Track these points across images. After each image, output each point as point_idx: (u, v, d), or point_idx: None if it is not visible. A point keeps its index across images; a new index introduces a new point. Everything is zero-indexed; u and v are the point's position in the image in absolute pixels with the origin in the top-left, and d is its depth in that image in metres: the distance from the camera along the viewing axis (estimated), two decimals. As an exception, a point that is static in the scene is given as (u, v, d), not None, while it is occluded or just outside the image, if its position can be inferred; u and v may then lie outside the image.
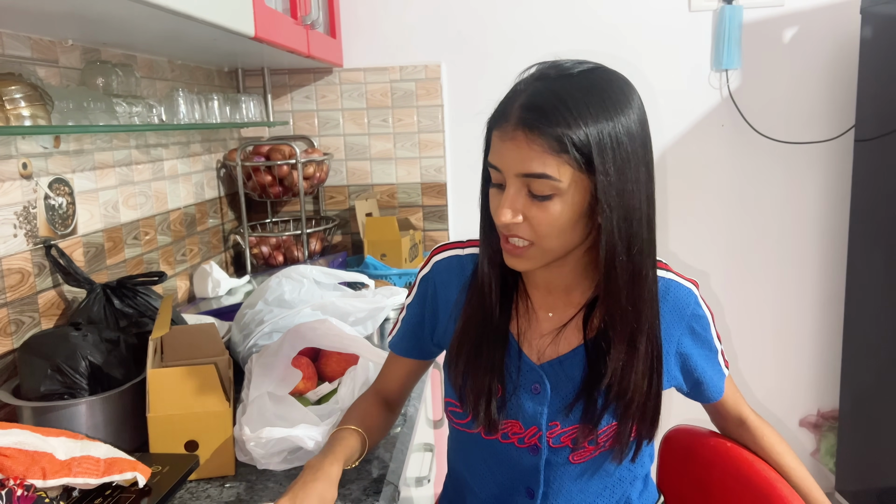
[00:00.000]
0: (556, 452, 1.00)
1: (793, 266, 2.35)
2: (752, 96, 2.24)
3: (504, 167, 0.86)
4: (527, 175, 0.84)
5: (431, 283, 1.06)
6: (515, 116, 0.85)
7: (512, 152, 0.85)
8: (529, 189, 0.86)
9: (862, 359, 2.19)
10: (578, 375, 0.97)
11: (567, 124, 0.82)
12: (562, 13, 2.24)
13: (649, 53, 2.24)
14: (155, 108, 1.57)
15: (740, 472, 1.09)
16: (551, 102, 0.83)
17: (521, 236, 0.88)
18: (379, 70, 2.29)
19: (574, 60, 0.88)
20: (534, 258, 0.90)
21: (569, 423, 0.98)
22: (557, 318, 0.99)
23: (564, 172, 0.83)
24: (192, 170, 1.96)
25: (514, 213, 0.86)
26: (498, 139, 0.87)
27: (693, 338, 1.01)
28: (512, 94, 0.88)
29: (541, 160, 0.83)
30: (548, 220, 0.86)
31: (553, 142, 0.82)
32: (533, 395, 0.99)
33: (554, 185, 0.84)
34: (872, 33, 2.04)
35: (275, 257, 2.19)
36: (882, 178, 2.03)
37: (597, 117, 0.83)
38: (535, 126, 0.83)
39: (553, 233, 0.87)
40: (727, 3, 2.18)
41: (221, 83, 2.20)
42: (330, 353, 1.27)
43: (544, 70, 0.88)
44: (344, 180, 2.37)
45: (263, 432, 1.05)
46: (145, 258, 1.68)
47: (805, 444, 2.45)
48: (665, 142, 2.30)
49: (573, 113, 0.82)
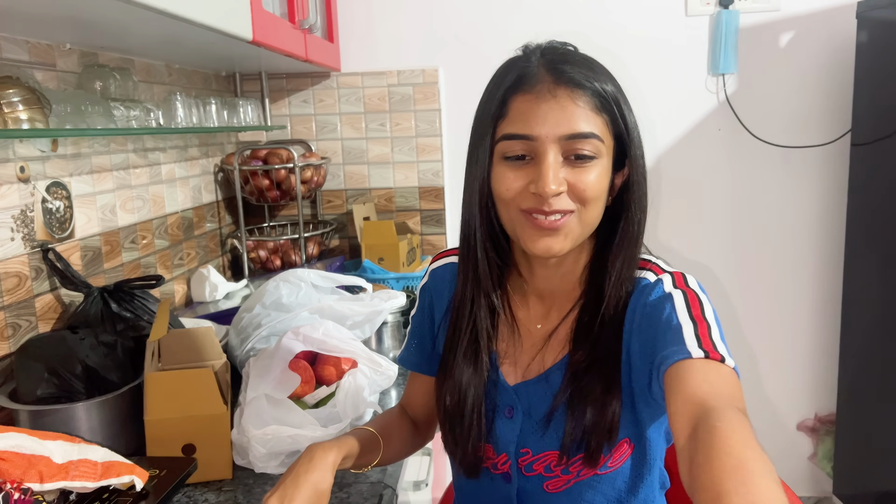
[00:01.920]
0: (529, 481, 0.92)
1: (790, 270, 2.35)
2: (748, 101, 2.25)
3: (542, 132, 0.79)
4: (573, 136, 0.79)
5: (428, 293, 1.03)
6: (550, 76, 0.80)
7: (555, 112, 0.79)
8: (570, 154, 0.80)
9: (859, 363, 2.19)
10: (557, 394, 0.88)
11: (601, 82, 0.81)
12: (559, 17, 2.25)
13: (647, 58, 2.25)
14: (153, 112, 1.57)
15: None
16: (579, 61, 0.82)
17: (562, 208, 0.81)
18: (376, 74, 2.29)
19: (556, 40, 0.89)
20: (572, 233, 0.83)
21: (540, 448, 0.90)
22: (545, 330, 0.93)
23: (606, 135, 0.81)
24: (190, 174, 1.96)
25: (559, 182, 0.79)
26: (528, 103, 0.80)
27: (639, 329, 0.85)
28: (523, 61, 0.84)
29: (587, 118, 0.79)
30: (591, 184, 0.81)
31: (595, 99, 0.80)
32: (506, 419, 0.92)
33: (598, 146, 0.80)
34: (868, 38, 2.05)
35: (272, 261, 2.19)
36: (878, 182, 2.04)
37: (614, 83, 0.83)
38: (578, 82, 0.79)
39: (596, 197, 0.82)
40: (724, 8, 2.19)
41: (219, 87, 2.20)
42: (327, 357, 1.27)
43: (545, 43, 0.87)
44: (342, 184, 2.36)
45: (269, 429, 1.05)
46: (143, 262, 1.68)
47: (803, 448, 2.45)
48: (663, 145, 2.30)
49: (599, 75, 0.82)
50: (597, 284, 0.88)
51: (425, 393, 1.04)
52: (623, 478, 0.91)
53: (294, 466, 0.86)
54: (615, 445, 0.87)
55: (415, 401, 1.07)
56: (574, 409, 0.86)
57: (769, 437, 2.43)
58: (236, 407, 1.18)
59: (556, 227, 0.82)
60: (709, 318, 0.82)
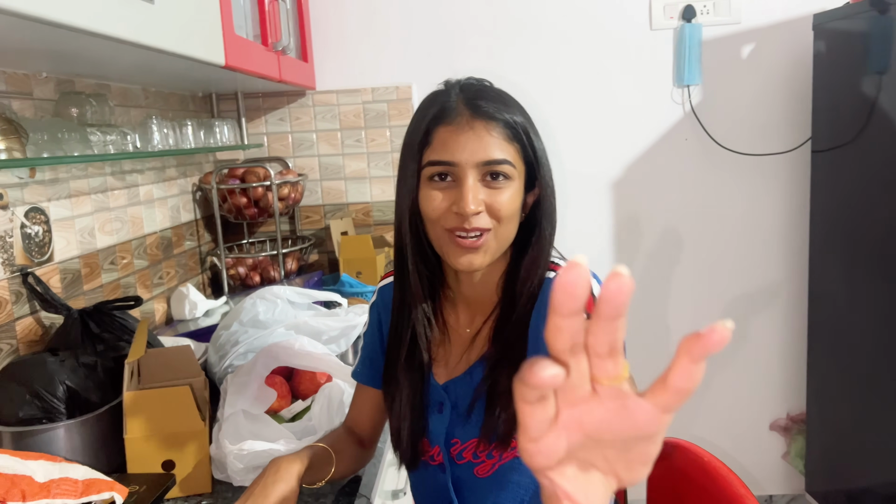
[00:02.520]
0: (461, 468, 1.02)
1: (757, 275, 2.42)
2: (713, 111, 2.31)
3: (462, 159, 0.90)
4: (489, 162, 0.90)
5: (377, 310, 1.11)
6: (469, 110, 0.91)
7: (472, 142, 0.90)
8: (487, 175, 0.91)
9: (826, 363, 2.25)
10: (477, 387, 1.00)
11: (513, 116, 0.92)
12: (528, 33, 2.31)
13: (614, 71, 2.31)
14: (129, 136, 1.61)
15: (714, 484, 1.12)
16: (493, 97, 0.93)
17: (481, 226, 0.92)
18: (351, 92, 2.34)
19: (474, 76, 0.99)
20: (490, 249, 0.94)
21: (467, 437, 1.00)
22: (471, 332, 1.03)
23: (517, 161, 0.93)
24: (168, 194, 2.00)
25: (477, 203, 0.90)
26: (450, 134, 0.91)
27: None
28: (444, 96, 0.94)
29: (500, 147, 0.91)
30: (505, 203, 0.92)
31: (507, 129, 0.92)
32: (437, 415, 1.03)
33: (511, 170, 0.92)
34: (825, 48, 2.12)
35: (251, 278, 2.22)
36: (838, 187, 2.11)
37: (524, 114, 0.95)
38: (492, 115, 0.91)
39: (509, 216, 0.93)
40: (687, 22, 2.26)
41: (196, 108, 2.24)
42: (303, 372, 1.31)
43: (463, 79, 0.98)
44: (319, 200, 2.41)
45: (245, 445, 1.09)
46: (122, 282, 1.71)
47: (776, 447, 2.51)
48: (632, 156, 2.36)
49: (510, 108, 0.93)
50: (512, 289, 0.99)
51: (373, 407, 1.11)
52: None
53: (260, 478, 0.91)
54: None
55: (362, 416, 1.13)
56: (490, 400, 0.97)
57: (743, 437, 2.49)
58: (215, 422, 1.21)
59: (476, 246, 0.93)
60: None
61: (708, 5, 2.26)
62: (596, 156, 2.37)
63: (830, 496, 2.27)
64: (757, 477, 2.51)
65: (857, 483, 2.11)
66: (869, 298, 1.98)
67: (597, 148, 2.36)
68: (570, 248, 2.45)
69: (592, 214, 2.41)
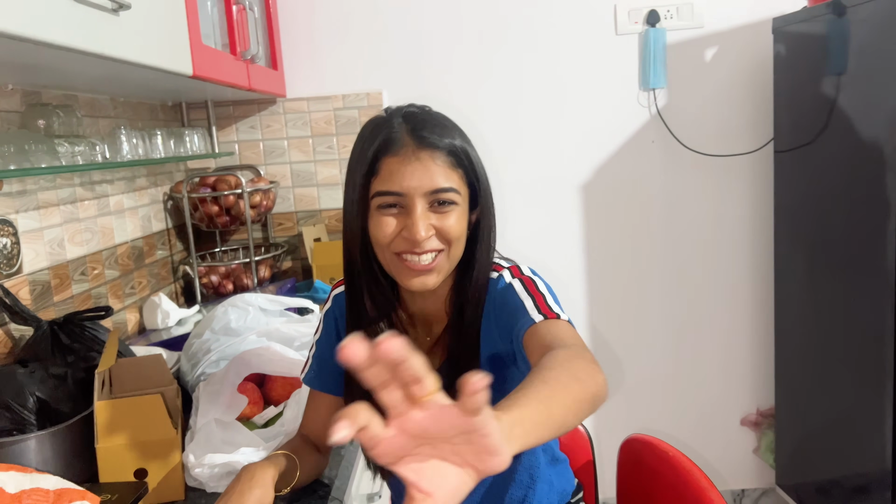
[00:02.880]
0: None
1: (725, 274, 2.47)
2: (678, 113, 2.36)
3: (410, 189, 0.94)
4: (436, 191, 0.94)
5: (332, 316, 1.14)
6: (413, 140, 0.95)
7: (419, 172, 0.94)
8: (433, 204, 0.96)
9: (793, 358, 2.30)
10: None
11: (454, 142, 0.96)
12: (496, 38, 2.34)
13: (581, 76, 2.35)
14: (98, 146, 1.61)
15: (679, 479, 1.16)
16: (435, 125, 0.96)
17: (433, 248, 0.97)
18: (322, 99, 2.35)
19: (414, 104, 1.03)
20: (442, 268, 0.99)
21: None
22: (431, 340, 1.09)
23: (462, 187, 0.97)
24: (139, 203, 1.99)
25: (427, 229, 0.95)
26: (396, 164, 0.94)
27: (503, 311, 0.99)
28: (387, 126, 0.97)
29: (445, 175, 0.95)
30: (454, 226, 0.97)
31: (450, 157, 0.95)
32: None
33: (456, 196, 0.96)
34: (784, 51, 2.18)
35: (224, 286, 2.22)
36: (801, 186, 2.16)
37: (464, 138, 0.99)
38: (436, 145, 0.95)
39: (458, 237, 0.98)
40: (651, 27, 2.30)
41: (165, 117, 2.24)
42: (275, 378, 1.32)
43: (404, 107, 1.00)
44: (291, 207, 2.41)
45: (206, 458, 1.10)
46: (93, 293, 1.71)
47: (747, 442, 2.56)
48: (600, 159, 2.40)
49: (451, 134, 0.97)
50: (460, 299, 1.04)
51: (329, 413, 1.13)
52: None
53: (236, 484, 0.93)
54: None
55: (317, 423, 1.15)
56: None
57: (715, 433, 2.54)
58: (187, 430, 1.22)
59: (430, 269, 0.98)
60: (542, 290, 0.99)
61: (671, 10, 2.30)
62: (565, 159, 2.40)
63: (800, 489, 2.32)
64: (729, 471, 2.55)
65: (826, 475, 2.16)
66: (832, 295, 2.03)
67: (566, 151, 2.40)
68: (543, 250, 2.49)
69: (563, 216, 2.44)
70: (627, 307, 2.49)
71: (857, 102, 1.85)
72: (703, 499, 1.08)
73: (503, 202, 2.39)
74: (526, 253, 2.35)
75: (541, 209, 2.43)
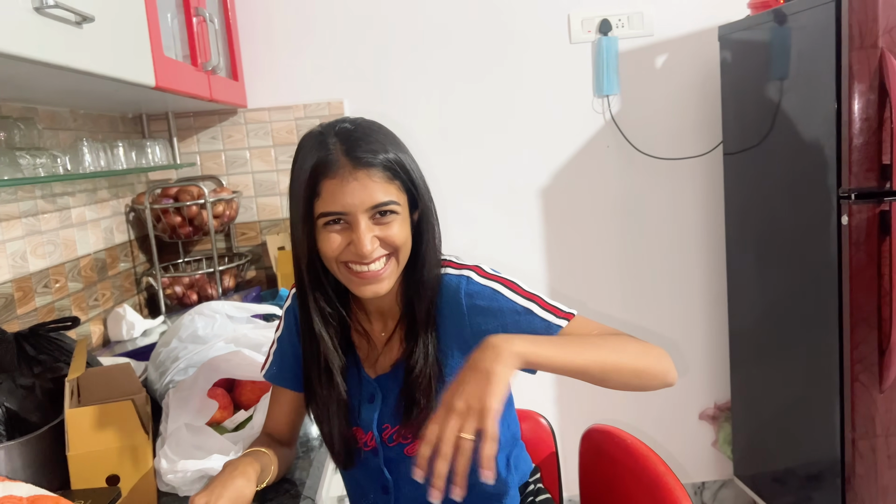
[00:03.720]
0: (392, 450, 1.15)
1: (680, 273, 2.55)
2: (632, 119, 2.44)
3: (352, 207, 0.99)
4: (376, 206, 0.99)
5: (293, 313, 1.17)
6: (349, 161, 0.99)
7: (358, 192, 0.98)
8: (375, 217, 1.01)
9: (746, 353, 2.39)
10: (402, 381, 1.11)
11: (388, 156, 1.01)
12: (453, 48, 2.39)
13: (539, 84, 2.41)
14: (60, 158, 1.61)
15: (637, 465, 1.21)
16: (370, 142, 1.00)
17: (380, 256, 1.02)
18: (283, 109, 2.37)
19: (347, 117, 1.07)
20: (391, 274, 1.05)
21: (397, 422, 1.12)
22: (386, 335, 1.15)
23: (400, 196, 1.02)
24: (101, 216, 1.99)
25: (371, 242, 1.00)
26: (335, 185, 0.99)
27: (482, 313, 1.06)
28: (322, 148, 1.01)
29: (383, 189, 1.00)
30: (397, 234, 1.02)
31: (387, 172, 1.00)
32: (369, 405, 1.14)
33: (395, 206, 1.01)
34: (731, 57, 2.27)
35: (189, 296, 2.22)
36: (748, 188, 2.25)
37: (397, 147, 1.03)
38: (371, 162, 0.99)
39: (403, 242, 1.04)
40: (604, 35, 2.38)
41: (126, 129, 2.23)
42: (244, 383, 1.34)
43: (338, 123, 1.04)
44: (255, 216, 2.43)
45: (179, 465, 1.11)
46: (57, 305, 1.70)
47: (705, 435, 2.64)
48: (558, 164, 2.47)
49: (385, 146, 1.01)
50: (412, 296, 1.09)
51: (291, 409, 1.20)
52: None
53: (221, 474, 0.99)
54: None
55: (280, 418, 1.20)
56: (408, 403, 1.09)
57: (675, 428, 2.61)
58: (158, 437, 1.23)
59: (380, 276, 1.03)
60: (532, 290, 1.08)
61: (623, 19, 2.38)
62: (524, 165, 2.46)
63: (757, 479, 2.41)
64: (689, 464, 2.63)
65: (781, 465, 2.23)
66: (781, 290, 2.12)
67: (525, 157, 2.45)
68: (506, 253, 2.53)
69: (524, 221, 2.50)
70: (587, 307, 2.55)
71: (799, 105, 1.94)
72: (661, 483, 1.14)
73: (466, 207, 2.44)
74: (489, 256, 2.40)
75: (502, 214, 2.48)
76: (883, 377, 1.79)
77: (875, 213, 1.74)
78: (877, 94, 1.70)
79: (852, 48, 1.70)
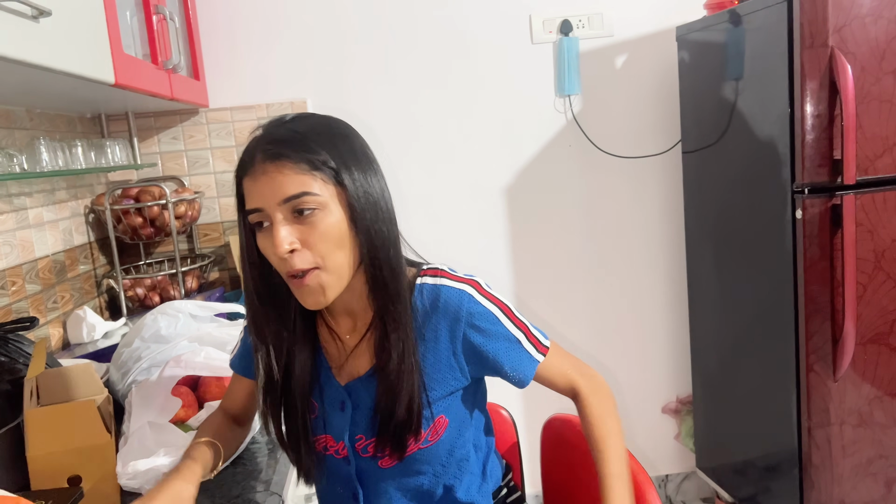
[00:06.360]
0: (365, 461, 1.11)
1: (641, 270, 2.59)
2: (593, 118, 2.47)
3: (265, 203, 0.94)
4: (288, 199, 0.93)
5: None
6: (262, 156, 0.95)
7: (267, 186, 0.93)
8: (294, 212, 0.94)
9: (707, 347, 2.44)
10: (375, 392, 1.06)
11: (308, 147, 0.95)
12: (416, 48, 2.40)
13: (500, 84, 2.44)
14: (16, 158, 1.58)
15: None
16: (288, 135, 0.96)
17: (306, 267, 0.95)
18: (245, 108, 2.36)
19: (287, 114, 1.03)
20: (329, 286, 0.97)
21: (371, 435, 1.08)
22: (355, 339, 1.09)
23: (324, 188, 0.95)
24: (59, 217, 1.96)
25: (289, 242, 0.94)
26: (250, 183, 0.95)
27: (480, 333, 1.05)
28: (248, 150, 0.98)
29: (296, 181, 0.93)
30: (322, 235, 0.95)
31: (302, 163, 0.94)
32: (339, 412, 1.10)
33: (316, 199, 0.94)
34: (688, 58, 2.32)
35: (150, 298, 2.19)
36: (706, 185, 2.30)
37: (330, 139, 0.97)
38: (279, 154, 0.94)
39: (331, 247, 0.96)
40: (565, 36, 2.41)
41: (84, 129, 2.20)
42: (209, 379, 1.33)
43: (270, 122, 1.01)
44: (217, 217, 2.40)
45: (129, 466, 1.10)
46: (14, 308, 1.67)
47: (668, 428, 2.69)
48: (521, 163, 2.49)
49: (309, 138, 0.96)
50: (379, 299, 1.03)
51: (247, 395, 1.20)
52: (445, 445, 1.10)
53: (158, 482, 0.99)
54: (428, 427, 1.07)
55: (238, 402, 1.21)
56: (384, 417, 1.05)
57: (638, 421, 2.65)
58: (121, 436, 1.22)
59: (307, 285, 0.97)
60: (521, 317, 1.10)
61: (583, 20, 2.42)
62: (488, 165, 2.48)
63: (718, 470, 2.46)
64: (654, 457, 2.67)
65: (742, 456, 2.28)
66: (739, 285, 2.17)
67: (489, 157, 2.47)
68: (470, 252, 2.55)
69: (489, 220, 2.52)
70: (551, 304, 2.58)
71: (754, 104, 2.00)
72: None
73: (430, 207, 2.45)
74: (455, 256, 2.41)
75: (467, 213, 2.50)
76: (836, 366, 1.84)
77: (827, 206, 1.80)
78: (828, 91, 1.76)
79: (804, 47, 1.75)
